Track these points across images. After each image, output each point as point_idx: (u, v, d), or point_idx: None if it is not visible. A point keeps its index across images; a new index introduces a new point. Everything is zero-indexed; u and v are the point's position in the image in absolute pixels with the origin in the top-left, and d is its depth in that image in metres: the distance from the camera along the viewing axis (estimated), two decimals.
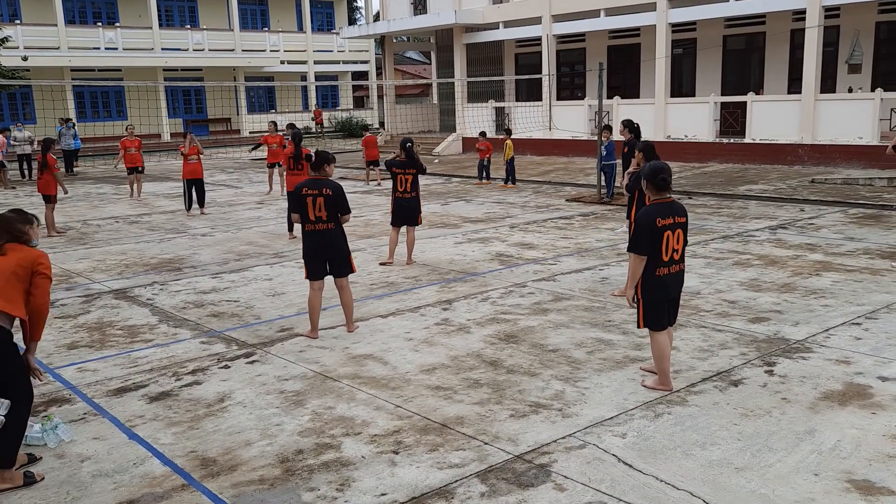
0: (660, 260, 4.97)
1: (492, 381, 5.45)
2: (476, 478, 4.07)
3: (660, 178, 5.01)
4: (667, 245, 4.96)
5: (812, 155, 18.22)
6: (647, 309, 5.08)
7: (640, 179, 7.40)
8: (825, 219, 11.87)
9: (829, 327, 6.47)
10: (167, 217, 14.08)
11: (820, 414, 4.75)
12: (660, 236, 4.93)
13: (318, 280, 6.55)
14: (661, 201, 5.04)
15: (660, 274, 4.99)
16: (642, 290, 5.06)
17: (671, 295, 5.12)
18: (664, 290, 5.04)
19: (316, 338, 6.54)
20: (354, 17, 54.23)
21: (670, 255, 4.99)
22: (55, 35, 31.79)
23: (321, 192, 6.34)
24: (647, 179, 5.07)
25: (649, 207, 5.03)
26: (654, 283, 5.01)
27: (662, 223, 4.93)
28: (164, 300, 8.04)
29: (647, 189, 5.13)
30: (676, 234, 4.98)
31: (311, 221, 6.39)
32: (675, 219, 4.98)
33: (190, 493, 4.00)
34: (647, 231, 4.92)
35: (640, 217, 5.01)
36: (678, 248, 5.02)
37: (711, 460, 4.18)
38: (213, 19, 37.30)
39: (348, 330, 6.68)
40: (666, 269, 5.00)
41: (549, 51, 23.55)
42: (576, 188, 16.71)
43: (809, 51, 18.03)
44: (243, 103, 36.86)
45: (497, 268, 9.14)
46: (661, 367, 5.17)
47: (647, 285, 5.03)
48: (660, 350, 5.12)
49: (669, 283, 5.06)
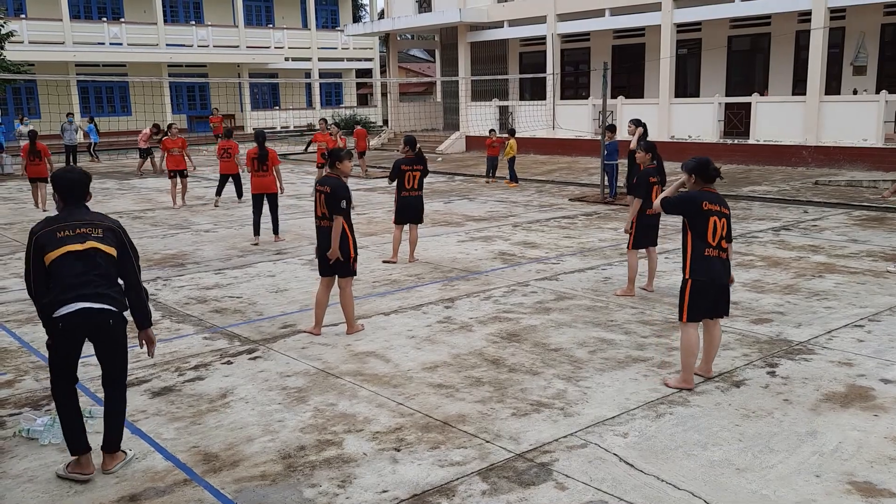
0: (707, 242, 5.03)
1: (494, 380, 5.45)
2: (477, 476, 4.08)
3: (711, 170, 5.10)
4: (714, 230, 5.02)
5: (816, 156, 18.20)
6: (694, 294, 5.07)
7: (642, 185, 7.44)
8: (828, 220, 11.85)
9: (832, 329, 6.46)
10: (171, 213, 14.10)
11: (822, 415, 4.75)
12: (706, 219, 5.00)
13: (326, 276, 6.59)
14: (707, 190, 5.12)
15: (708, 254, 5.04)
16: (691, 269, 5.08)
17: (718, 281, 5.11)
18: (711, 271, 5.05)
19: (318, 334, 6.55)
20: (359, 14, 54.16)
21: (717, 241, 5.05)
22: (60, 30, 31.82)
23: (324, 190, 6.45)
24: (696, 174, 5.11)
25: (697, 192, 5.10)
26: (701, 261, 5.05)
27: (709, 207, 5.02)
28: (168, 295, 8.05)
29: (691, 183, 5.17)
30: (722, 222, 5.07)
31: (317, 217, 6.54)
32: (721, 208, 5.08)
33: (192, 489, 4.01)
34: (689, 203, 5.03)
35: (686, 194, 5.10)
36: (724, 236, 5.08)
37: (713, 461, 4.18)
38: (217, 15, 37.30)
39: (348, 332, 6.61)
40: (714, 252, 5.05)
41: (554, 50, 23.53)
42: (579, 188, 16.70)
43: (815, 52, 18.00)
44: (247, 100, 36.84)
45: (500, 266, 9.14)
46: (686, 362, 5.16)
47: (695, 265, 5.06)
48: (689, 343, 5.12)
49: (716, 267, 5.07)
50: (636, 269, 7.65)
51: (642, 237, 7.61)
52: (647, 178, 7.47)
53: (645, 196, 7.41)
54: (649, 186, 7.43)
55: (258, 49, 37.26)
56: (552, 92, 23.43)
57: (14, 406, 5.17)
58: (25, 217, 13.83)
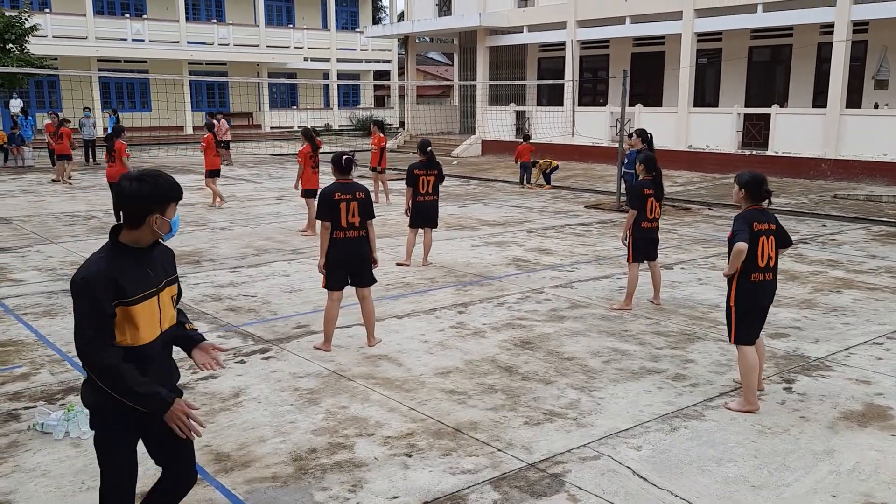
0: (756, 265, 4.91)
1: (506, 388, 5.42)
2: (489, 485, 4.05)
3: (763, 190, 5.00)
4: (762, 250, 4.92)
5: (835, 170, 18.04)
6: (740, 319, 4.99)
7: (638, 196, 7.35)
8: (847, 235, 11.74)
9: (850, 346, 6.39)
10: (187, 209, 14.16)
11: (839, 434, 4.69)
12: (756, 241, 4.88)
13: (340, 290, 6.18)
14: (756, 208, 5.02)
15: (755, 280, 4.93)
16: (735, 298, 4.98)
17: (762, 304, 5.04)
18: (756, 297, 4.97)
19: (329, 351, 6.19)
20: (379, 16, 54.38)
21: (766, 261, 4.94)
22: (83, 25, 32.13)
23: (354, 197, 6.04)
24: (747, 189, 5.01)
25: (746, 212, 4.99)
26: (748, 289, 4.94)
27: (759, 227, 4.91)
28: (183, 293, 8.06)
29: (741, 199, 5.06)
30: (770, 240, 4.97)
31: (342, 228, 6.00)
32: (769, 225, 4.98)
33: (203, 488, 4.01)
34: (748, 228, 4.85)
35: (739, 217, 4.97)
36: (772, 255, 4.99)
37: (728, 477, 4.14)
38: (239, 14, 37.52)
39: (369, 344, 6.32)
40: (761, 276, 4.94)
41: (573, 56, 23.48)
42: (595, 195, 16.64)
43: (836, 65, 17.85)
44: (266, 99, 37.03)
45: (514, 272, 9.11)
46: (748, 383, 5.03)
47: (741, 290, 4.96)
48: (749, 365, 5.00)
49: (763, 292, 4.99)
50: (636, 283, 7.51)
51: (642, 250, 7.50)
52: (642, 190, 7.38)
53: (640, 208, 7.34)
54: (644, 199, 7.35)
55: (278, 49, 37.46)
56: (571, 98, 23.36)
57: (29, 399, 5.19)
58: (44, 210, 13.95)
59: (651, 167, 7.45)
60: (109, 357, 2.77)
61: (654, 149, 9.87)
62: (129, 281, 2.82)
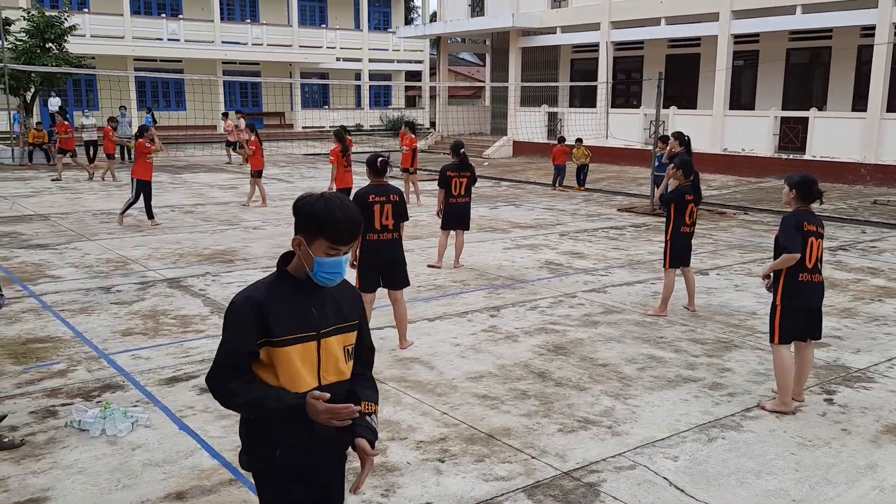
0: (804, 266, 4.93)
1: (539, 393, 5.37)
2: (523, 493, 4.01)
3: (815, 190, 5.00)
4: (810, 251, 4.93)
5: (875, 175, 17.65)
6: (784, 318, 4.99)
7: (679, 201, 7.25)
8: (888, 242, 11.46)
9: (893, 357, 6.23)
10: (220, 208, 14.30)
11: (882, 448, 4.56)
12: (805, 241, 4.90)
13: (373, 292, 6.17)
14: (806, 209, 5.02)
15: (803, 279, 4.94)
16: (782, 296, 4.99)
17: (811, 304, 5.03)
18: (804, 296, 4.96)
19: None
20: (411, 16, 54.48)
21: (814, 262, 4.96)
22: (121, 24, 32.65)
23: (388, 199, 6.04)
24: (798, 190, 5.00)
25: (796, 212, 4.99)
26: (796, 288, 4.95)
27: (808, 227, 4.92)
28: (216, 291, 8.14)
29: (791, 199, 5.05)
30: (818, 242, 4.98)
31: (375, 230, 5.99)
32: (817, 228, 4.99)
33: (237, 489, 4.02)
34: (798, 229, 4.87)
35: (788, 218, 4.97)
36: (820, 256, 5.01)
37: (767, 490, 4.05)
38: (272, 14, 37.85)
39: (401, 346, 6.26)
40: (809, 276, 4.95)
41: (607, 58, 23.28)
42: (627, 198, 16.47)
43: (877, 68, 17.47)
44: (298, 99, 37.29)
45: (546, 276, 9.04)
46: (783, 384, 5.04)
47: (788, 290, 4.97)
48: (784, 367, 5.00)
49: (810, 292, 4.98)
50: (672, 289, 7.41)
51: (679, 256, 7.43)
52: (683, 196, 7.30)
53: (679, 214, 7.25)
54: (685, 204, 7.26)
55: (310, 49, 37.69)
56: (605, 100, 23.16)
57: (66, 396, 5.26)
58: (81, 207, 14.17)
59: (689, 171, 7.36)
60: (232, 384, 2.35)
61: (692, 152, 9.74)
62: (280, 316, 2.34)
